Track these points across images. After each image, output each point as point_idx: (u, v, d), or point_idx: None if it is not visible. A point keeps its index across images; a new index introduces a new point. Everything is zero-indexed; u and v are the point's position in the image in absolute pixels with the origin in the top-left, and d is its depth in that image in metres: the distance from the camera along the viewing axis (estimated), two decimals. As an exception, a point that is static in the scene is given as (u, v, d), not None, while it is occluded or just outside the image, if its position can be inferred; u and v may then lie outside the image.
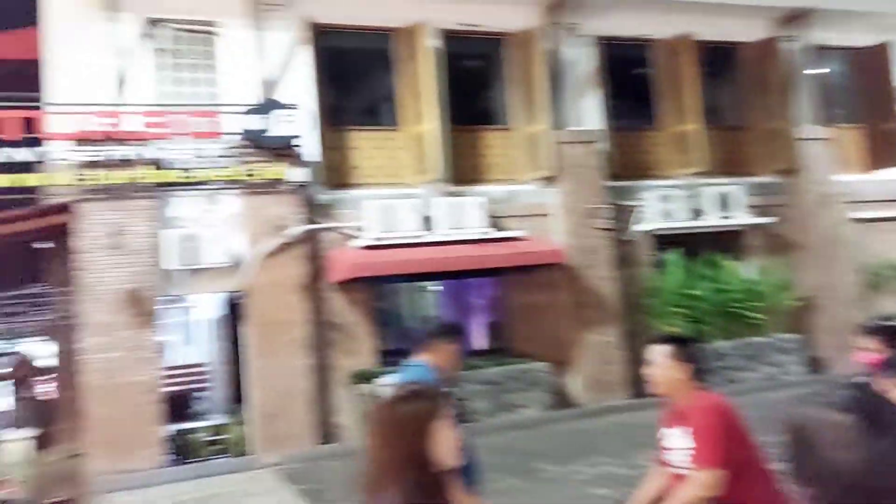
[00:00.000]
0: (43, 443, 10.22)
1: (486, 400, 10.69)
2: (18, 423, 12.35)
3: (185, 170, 10.28)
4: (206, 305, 13.35)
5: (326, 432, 10.59)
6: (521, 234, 11.82)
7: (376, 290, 11.44)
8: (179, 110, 10.37)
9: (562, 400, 11.77)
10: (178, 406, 11.18)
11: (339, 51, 11.87)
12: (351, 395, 10.69)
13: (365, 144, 11.83)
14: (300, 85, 11.17)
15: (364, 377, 10.66)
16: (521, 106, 12.49)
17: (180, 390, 12.27)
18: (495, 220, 11.88)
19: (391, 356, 11.22)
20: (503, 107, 12.76)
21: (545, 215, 12.30)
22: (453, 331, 4.14)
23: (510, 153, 12.50)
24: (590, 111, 12.88)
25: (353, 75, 12.33)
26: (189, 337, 14.56)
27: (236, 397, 12.02)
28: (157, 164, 10.15)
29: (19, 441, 10.04)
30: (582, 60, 12.96)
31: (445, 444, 2.34)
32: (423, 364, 3.89)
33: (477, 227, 11.62)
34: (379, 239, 11.08)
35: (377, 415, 2.38)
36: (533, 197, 12.34)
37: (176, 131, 10.20)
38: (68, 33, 10.27)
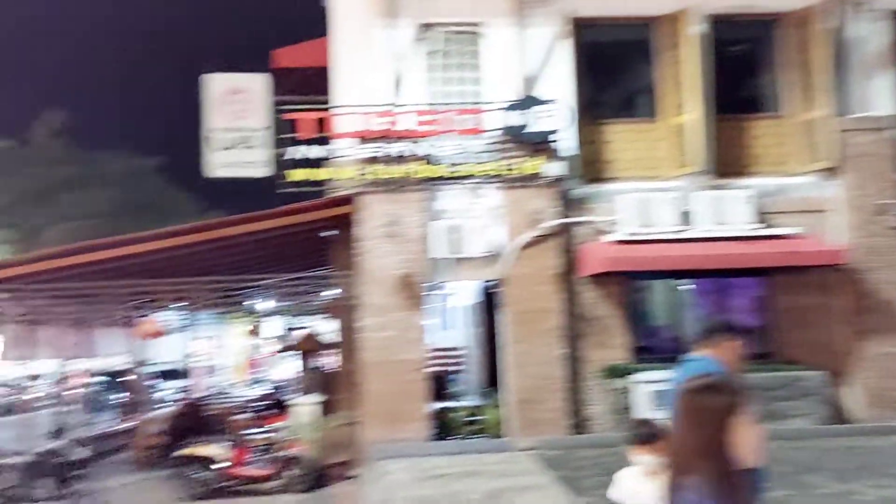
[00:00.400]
0: (326, 409, 11.48)
1: (753, 406, 10.05)
2: (305, 390, 13.98)
3: (452, 165, 10.92)
4: (463, 292, 14.08)
5: (578, 422, 10.69)
6: (793, 231, 10.92)
7: (629, 286, 11.26)
8: (447, 109, 11.02)
9: (837, 414, 10.72)
10: (437, 386, 11.93)
11: (599, 44, 11.82)
12: (603, 389, 10.67)
13: (622, 137, 11.67)
14: (559, 80, 11.31)
15: (616, 372, 10.60)
16: (797, 91, 11.51)
17: (439, 371, 13.07)
18: (763, 216, 11.10)
19: (642, 352, 11.06)
20: (775, 93, 11.85)
21: (822, 211, 11.24)
22: (735, 328, 3.99)
23: (782, 142, 11.58)
24: (881, 94, 11.50)
25: (612, 68, 12.20)
26: (446, 322, 15.47)
27: (490, 381, 12.54)
28: (428, 160, 10.89)
29: (308, 405, 11.36)
30: (872, 38, 11.61)
31: (746, 442, 2.30)
32: (707, 359, 3.79)
33: (742, 222, 10.95)
34: (634, 233, 10.90)
35: (680, 403, 2.40)
36: (809, 190, 11.33)
37: (444, 129, 10.86)
38: (352, 41, 11.38)
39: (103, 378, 20.54)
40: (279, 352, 22.28)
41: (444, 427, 10.77)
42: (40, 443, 10.45)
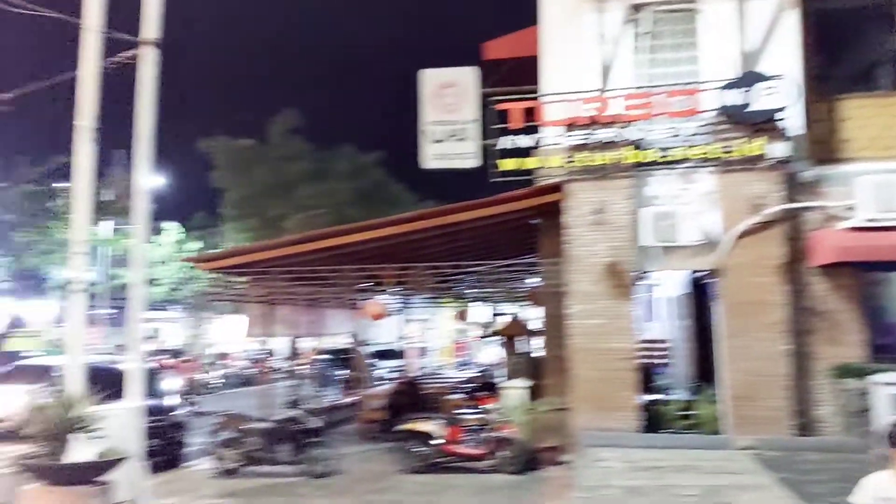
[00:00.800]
0: (534, 394, 11.68)
1: None
2: (511, 374, 14.30)
3: (662, 149, 10.57)
4: (670, 282, 13.60)
5: (803, 423, 9.95)
6: None
7: (865, 278, 10.27)
8: (657, 91, 10.67)
9: None
10: (644, 377, 11.65)
11: (830, 12, 10.84)
12: (834, 389, 9.84)
13: (858, 113, 10.62)
14: (784, 53, 10.55)
15: (850, 371, 9.73)
16: None
17: (645, 363, 12.76)
18: None
19: (881, 351, 10.08)
20: None
21: None
22: None
23: None
24: None
25: (846, 37, 11.14)
26: (651, 312, 15.03)
27: (700, 375, 12.03)
28: (637, 145, 10.62)
29: (517, 389, 11.64)
30: None
31: None
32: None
33: None
34: (873, 220, 9.90)
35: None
36: None
37: (654, 112, 10.54)
38: (561, 28, 11.38)
39: (329, 355, 22.47)
40: (485, 336, 22.98)
41: (654, 419, 10.50)
42: (278, 411, 11.65)
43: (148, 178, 8.11)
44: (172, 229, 29.55)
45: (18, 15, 7.74)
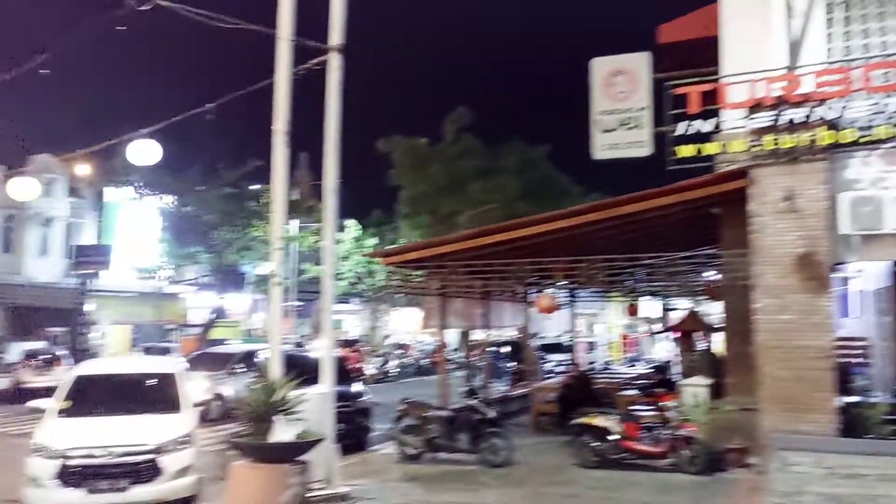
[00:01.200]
0: (715, 392, 11.12)
1: None
2: (688, 371, 13.73)
3: (862, 128, 9.66)
4: (868, 274, 12.43)
5: None
6: None
7: None
8: (855, 65, 9.77)
9: None
10: (840, 378, 10.73)
11: None
12: None
13: None
14: None
15: None
16: None
17: (842, 362, 11.76)
18: None
19: None
20: None
21: None
22: None
23: None
24: None
25: None
26: (846, 307, 13.82)
27: (908, 377, 10.93)
28: (831, 125, 9.79)
29: (696, 387, 11.15)
30: None
31: None
32: None
33: None
34: None
35: None
36: None
37: (852, 88, 9.66)
38: (743, 4, 10.69)
39: (499, 348, 22.77)
40: (658, 332, 22.22)
41: (853, 423, 9.62)
42: (456, 401, 11.97)
43: (335, 178, 8.61)
44: (352, 226, 31.15)
45: (217, 29, 8.49)
